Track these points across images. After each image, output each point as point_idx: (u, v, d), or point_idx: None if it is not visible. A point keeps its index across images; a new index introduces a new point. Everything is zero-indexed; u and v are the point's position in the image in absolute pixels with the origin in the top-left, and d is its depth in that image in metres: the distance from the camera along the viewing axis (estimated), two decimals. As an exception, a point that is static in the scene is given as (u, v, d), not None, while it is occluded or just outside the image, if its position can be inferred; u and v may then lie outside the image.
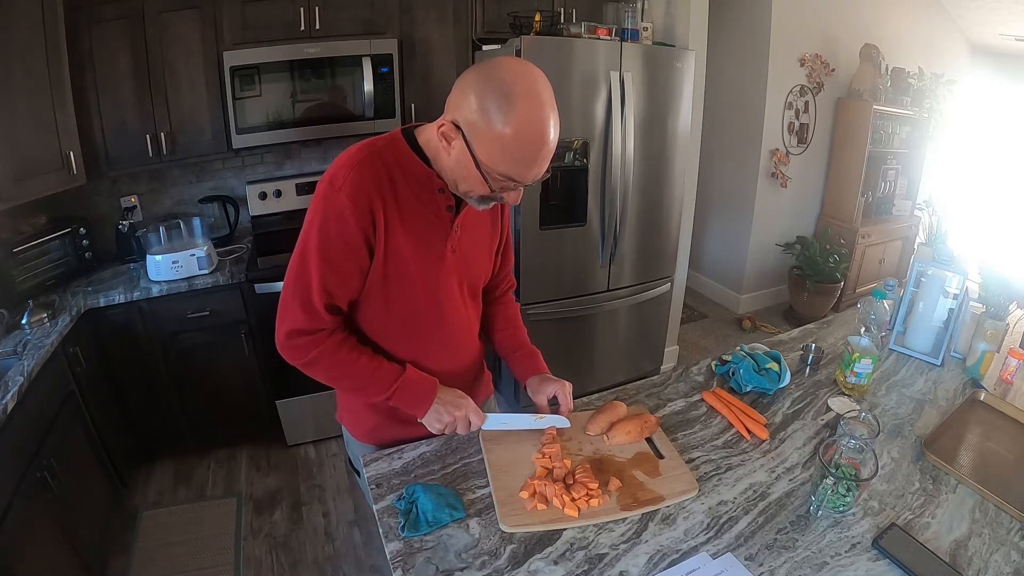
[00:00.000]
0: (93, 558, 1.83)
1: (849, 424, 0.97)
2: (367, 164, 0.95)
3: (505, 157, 0.87)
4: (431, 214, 1.01)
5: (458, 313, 1.13)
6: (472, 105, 0.85)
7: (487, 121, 0.84)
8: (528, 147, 0.86)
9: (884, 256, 3.96)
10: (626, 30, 2.45)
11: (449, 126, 0.88)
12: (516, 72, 0.85)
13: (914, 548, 0.88)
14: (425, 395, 1.07)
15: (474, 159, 0.88)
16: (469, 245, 1.09)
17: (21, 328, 1.83)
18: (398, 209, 0.97)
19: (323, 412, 2.56)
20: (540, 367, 1.23)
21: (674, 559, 0.88)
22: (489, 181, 0.90)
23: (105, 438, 2.07)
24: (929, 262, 1.46)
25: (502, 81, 0.84)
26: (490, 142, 0.86)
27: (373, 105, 2.43)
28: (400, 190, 0.97)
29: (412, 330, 1.09)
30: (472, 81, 0.87)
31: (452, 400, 1.08)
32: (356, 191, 0.93)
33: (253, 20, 2.24)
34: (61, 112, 1.98)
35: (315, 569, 2.00)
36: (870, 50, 3.53)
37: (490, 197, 0.95)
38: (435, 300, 1.07)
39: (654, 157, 2.53)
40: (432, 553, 0.89)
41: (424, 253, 1.02)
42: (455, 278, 1.09)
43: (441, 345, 1.13)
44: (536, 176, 0.91)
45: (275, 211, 2.67)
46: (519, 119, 0.83)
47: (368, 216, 0.94)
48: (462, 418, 1.07)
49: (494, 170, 0.88)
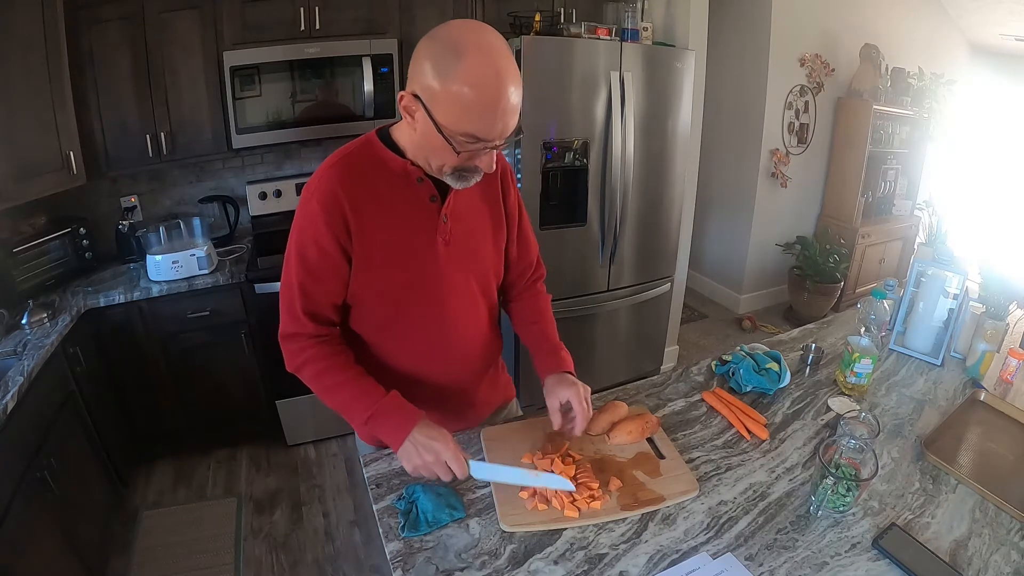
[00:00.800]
0: (93, 558, 1.83)
1: (849, 424, 0.97)
2: (337, 168, 0.96)
3: (464, 114, 0.83)
4: (414, 208, 0.99)
5: (465, 309, 1.09)
6: (425, 70, 0.83)
7: (440, 81, 0.82)
8: (484, 98, 0.82)
9: (884, 256, 3.97)
10: (626, 30, 2.45)
11: (409, 98, 0.87)
12: (462, 28, 0.84)
13: (914, 548, 0.88)
14: (401, 426, 0.97)
15: (435, 125, 0.85)
16: (466, 236, 1.05)
17: (21, 328, 1.83)
18: (376, 210, 0.97)
19: (323, 412, 2.56)
20: (560, 365, 1.15)
21: (674, 559, 0.88)
22: (454, 144, 0.86)
23: (105, 438, 2.07)
24: (929, 262, 1.46)
25: (448, 39, 0.83)
26: (447, 102, 0.83)
27: (373, 105, 2.43)
28: (378, 189, 0.97)
29: (407, 332, 1.07)
30: (422, 47, 0.85)
31: (428, 440, 0.96)
32: (326, 197, 0.94)
33: (253, 20, 2.24)
34: (61, 112, 1.98)
35: (315, 569, 2.00)
36: (870, 50, 3.53)
37: (463, 167, 0.92)
38: (433, 297, 1.04)
39: (654, 157, 2.53)
40: (432, 553, 0.89)
41: (412, 251, 1.00)
42: (458, 273, 1.06)
43: (443, 346, 1.10)
44: (502, 133, 0.87)
45: (275, 211, 2.67)
46: (470, 71, 0.81)
47: (340, 221, 0.94)
48: (435, 463, 0.95)
49: (457, 132, 0.85)
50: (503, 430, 1.15)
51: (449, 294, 1.06)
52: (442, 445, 0.95)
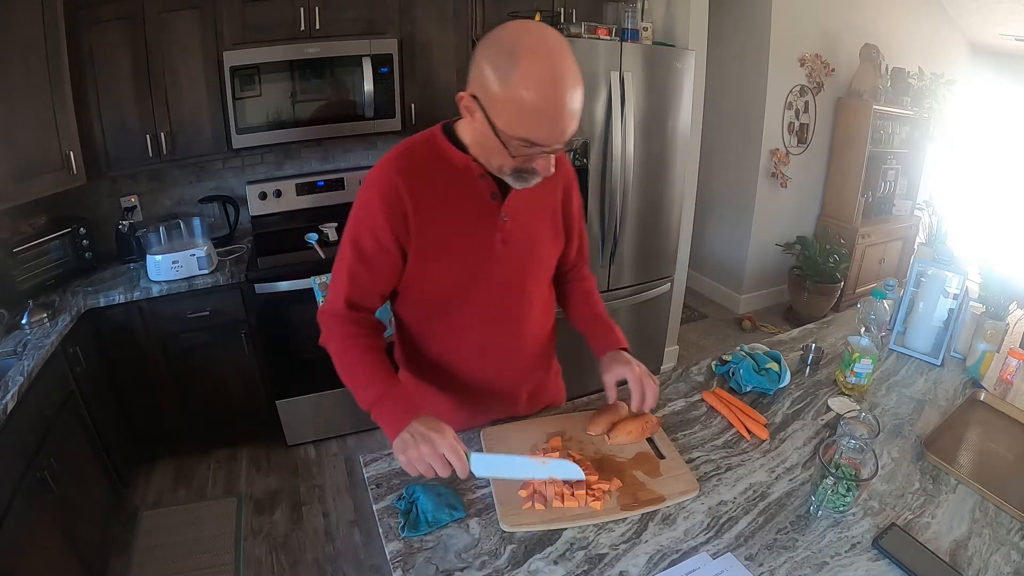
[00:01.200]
0: (93, 558, 1.83)
1: (849, 424, 0.97)
2: (399, 160, 0.97)
3: (520, 119, 0.83)
4: (475, 204, 0.99)
5: (516, 309, 1.10)
6: (483, 72, 0.83)
7: (497, 84, 0.81)
8: (540, 103, 0.81)
9: (884, 256, 3.96)
10: (626, 30, 2.45)
11: (468, 98, 0.87)
12: (519, 29, 0.83)
13: (914, 548, 0.88)
14: (401, 416, 0.93)
15: (492, 127, 0.85)
16: (524, 237, 1.04)
17: (21, 328, 1.83)
18: (436, 204, 0.97)
19: (323, 412, 2.57)
20: (615, 342, 1.15)
21: (674, 559, 0.88)
22: (510, 148, 0.86)
23: (105, 438, 2.07)
24: (929, 262, 1.46)
25: (505, 41, 0.82)
26: (503, 106, 0.83)
27: (373, 105, 2.43)
28: (439, 184, 0.97)
29: (456, 327, 1.08)
30: (481, 48, 0.85)
31: (426, 431, 0.90)
32: (387, 188, 0.95)
33: (253, 20, 2.24)
34: (61, 112, 1.98)
35: (315, 569, 2.00)
36: (870, 50, 3.53)
37: (521, 170, 0.91)
38: (485, 295, 1.05)
39: (654, 157, 2.53)
40: (432, 553, 0.89)
41: (469, 247, 1.01)
42: (514, 273, 1.06)
43: (491, 345, 1.10)
44: (559, 138, 0.85)
45: (275, 211, 2.66)
46: (526, 75, 0.79)
47: (399, 213, 0.95)
48: (432, 455, 0.88)
49: (512, 136, 0.84)
50: (503, 430, 1.15)
51: (502, 293, 1.06)
52: (439, 436, 0.89)
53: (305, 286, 2.24)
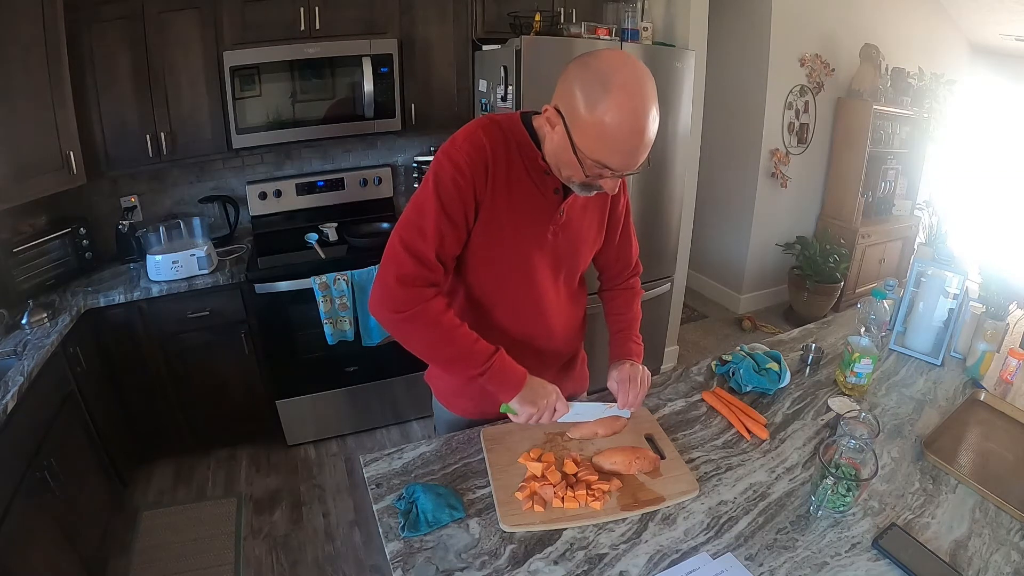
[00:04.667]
0: (93, 558, 1.83)
1: (849, 424, 0.97)
2: (488, 129, 1.01)
3: (600, 144, 0.89)
4: (539, 193, 1.05)
5: (549, 299, 1.15)
6: (572, 92, 0.89)
7: (585, 108, 0.88)
8: (621, 135, 0.88)
9: (884, 256, 3.97)
10: (626, 30, 2.45)
11: (552, 111, 0.93)
12: (615, 62, 0.88)
13: (914, 548, 0.88)
14: (516, 381, 1.05)
15: (572, 144, 0.91)
16: (572, 233, 1.11)
17: (21, 328, 1.83)
18: (508, 178, 1.01)
19: (323, 412, 2.57)
20: (627, 352, 1.23)
21: (674, 559, 0.88)
22: (584, 167, 0.92)
23: (105, 438, 2.07)
24: (929, 262, 1.46)
25: (600, 71, 0.87)
26: (586, 128, 0.89)
27: (373, 105, 2.43)
28: (513, 162, 1.02)
29: (491, 306, 1.12)
30: (573, 69, 0.91)
31: (541, 388, 1.07)
32: (474, 148, 0.98)
33: (253, 20, 2.24)
34: (61, 112, 1.98)
35: (315, 569, 2.00)
36: (870, 50, 3.53)
37: (589, 184, 0.98)
38: (526, 280, 1.10)
39: (654, 157, 2.51)
40: (432, 553, 0.89)
41: (525, 232, 1.05)
42: (555, 265, 1.12)
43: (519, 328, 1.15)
44: (631, 166, 0.93)
45: (275, 211, 2.66)
46: (613, 108, 0.86)
47: (482, 174, 0.99)
48: (549, 407, 1.07)
49: (589, 157, 0.91)
50: (503, 430, 1.15)
51: (540, 282, 1.12)
52: (552, 389, 1.08)
53: (305, 286, 2.24)
